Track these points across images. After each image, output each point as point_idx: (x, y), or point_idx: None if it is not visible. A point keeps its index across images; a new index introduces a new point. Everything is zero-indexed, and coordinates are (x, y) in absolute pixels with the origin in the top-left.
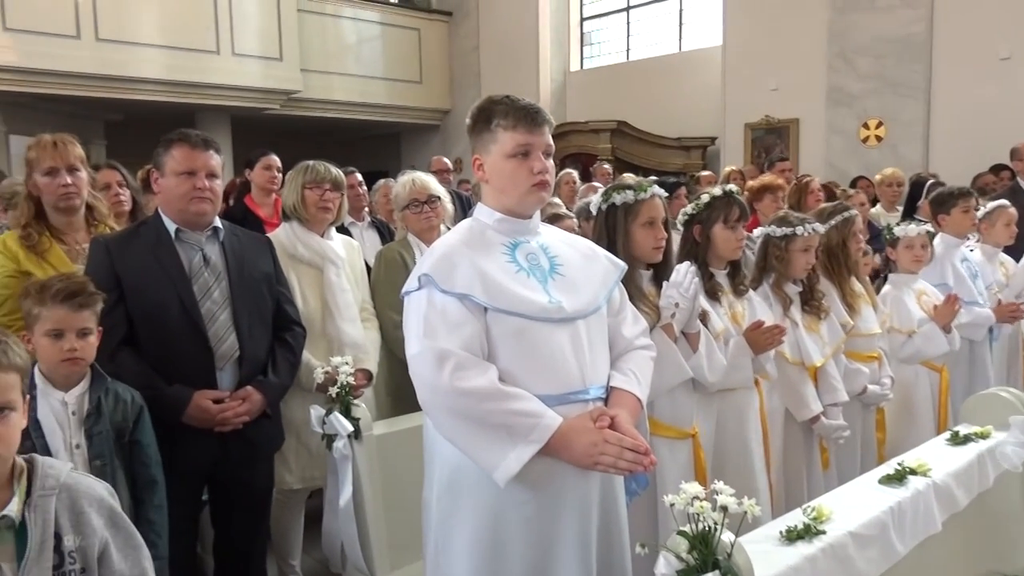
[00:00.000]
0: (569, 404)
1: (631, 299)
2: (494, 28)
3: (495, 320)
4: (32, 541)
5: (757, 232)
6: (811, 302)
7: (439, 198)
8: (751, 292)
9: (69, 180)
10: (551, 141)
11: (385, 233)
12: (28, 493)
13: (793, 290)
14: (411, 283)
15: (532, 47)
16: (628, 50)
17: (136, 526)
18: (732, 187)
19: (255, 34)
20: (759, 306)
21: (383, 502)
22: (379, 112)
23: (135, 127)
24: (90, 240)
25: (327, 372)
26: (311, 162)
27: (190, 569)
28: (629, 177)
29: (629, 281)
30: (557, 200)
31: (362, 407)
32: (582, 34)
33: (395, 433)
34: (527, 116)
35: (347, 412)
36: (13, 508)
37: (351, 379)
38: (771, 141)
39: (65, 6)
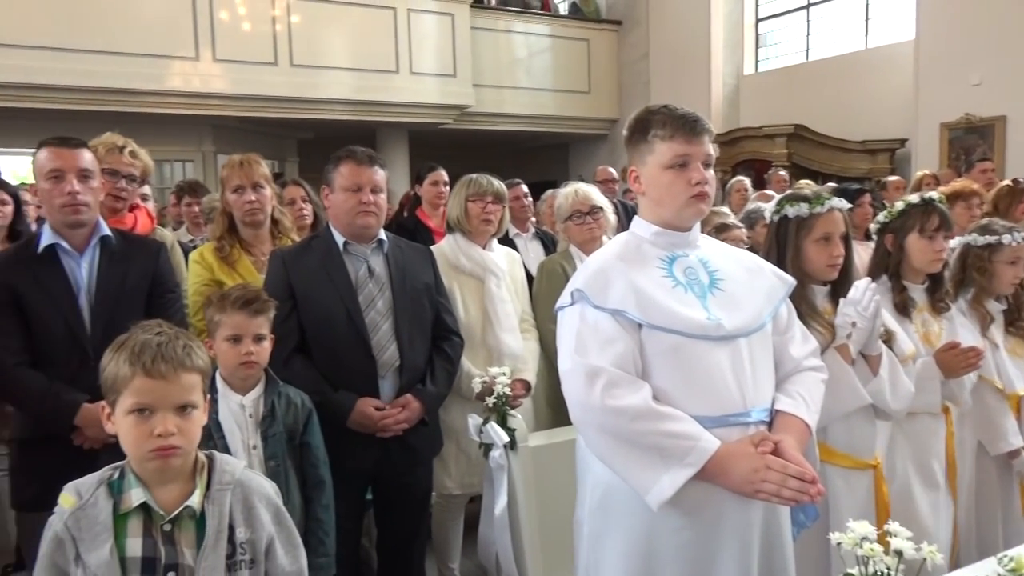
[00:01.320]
0: (728, 427)
1: (801, 317)
2: (664, 35)
3: (650, 337)
4: (209, 530)
5: (954, 243)
6: (1017, 322)
7: (602, 209)
8: (952, 309)
9: (254, 197)
10: (711, 151)
11: (549, 244)
12: (208, 486)
13: (996, 307)
14: (564, 298)
15: (703, 52)
16: (807, 50)
17: (306, 523)
18: (933, 194)
19: (431, 53)
20: (962, 327)
21: (538, 514)
22: (548, 123)
23: (324, 145)
24: (271, 252)
25: (484, 382)
26: (474, 175)
27: (355, 564)
28: (806, 185)
29: (800, 298)
30: (725, 209)
31: (518, 418)
32: (757, 36)
33: (552, 445)
34: (685, 125)
35: (503, 422)
36: (195, 499)
37: (507, 389)
38: (972, 142)
39: (264, 36)
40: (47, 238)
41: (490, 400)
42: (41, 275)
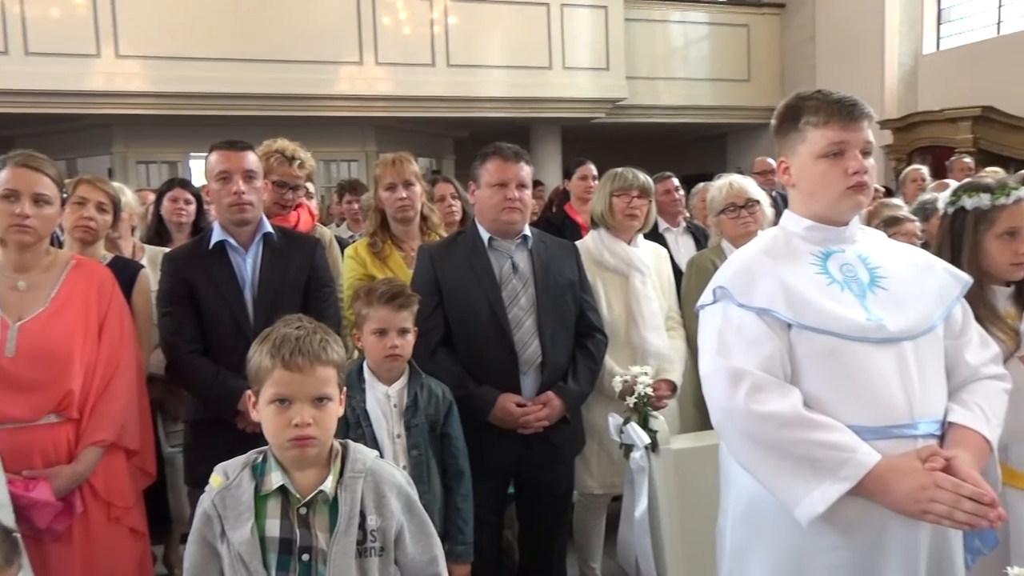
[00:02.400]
0: (891, 439)
1: (980, 320)
2: (832, 15)
3: (800, 338)
4: (342, 516)
5: None
6: None
7: (758, 202)
8: None
9: (404, 194)
10: (871, 137)
11: (701, 239)
12: (341, 473)
13: None
14: (706, 296)
15: (877, 31)
16: (999, 23)
17: (446, 512)
18: None
19: (584, 47)
20: None
21: (680, 519)
22: (704, 114)
23: (479, 142)
24: (419, 247)
25: (625, 381)
26: (619, 169)
27: (495, 555)
28: (991, 173)
29: (977, 299)
30: (898, 201)
31: (660, 419)
32: (939, 11)
33: (697, 449)
34: (842, 110)
35: (644, 423)
36: (328, 485)
37: (649, 389)
38: None
39: (423, 39)
40: (217, 235)
41: (631, 400)
42: (212, 270)
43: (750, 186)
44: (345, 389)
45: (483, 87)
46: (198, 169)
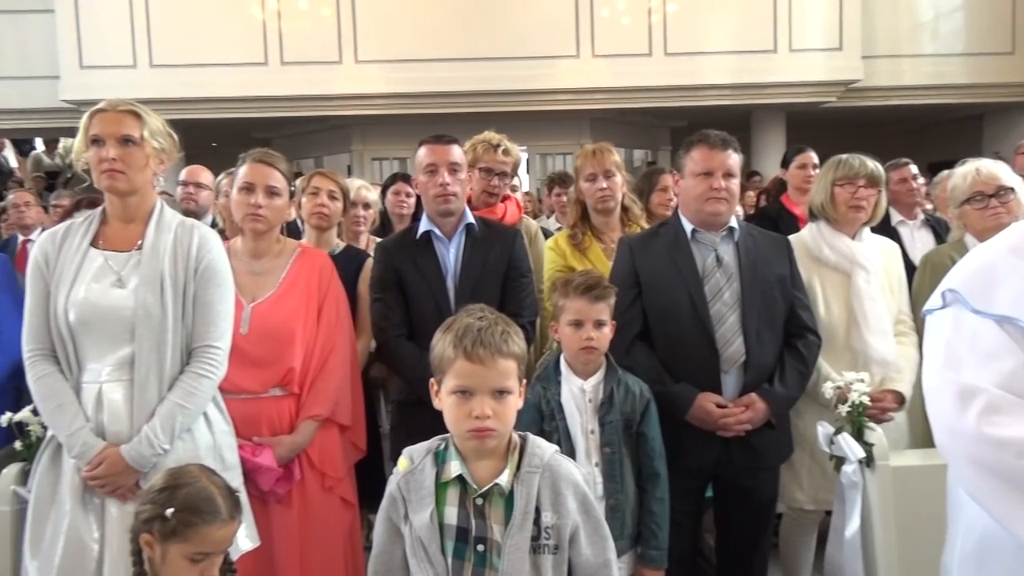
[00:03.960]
0: None
1: None
2: None
3: None
4: (516, 510)
5: None
6: None
7: (1012, 190)
8: None
9: (605, 184)
10: None
11: (942, 234)
12: (519, 467)
13: None
14: (934, 300)
15: None
16: None
17: (639, 514)
18: None
19: (814, 27)
20: None
21: (897, 544)
22: (956, 93)
23: (696, 131)
24: (619, 239)
25: (839, 388)
26: (844, 156)
27: (691, 562)
28: None
29: None
30: None
31: (877, 431)
32: None
33: (921, 468)
34: None
35: (859, 435)
36: (504, 478)
37: (866, 398)
38: None
39: (640, 29)
40: (424, 226)
41: (844, 408)
42: (418, 258)
43: (1002, 172)
44: (525, 381)
45: (702, 74)
46: None
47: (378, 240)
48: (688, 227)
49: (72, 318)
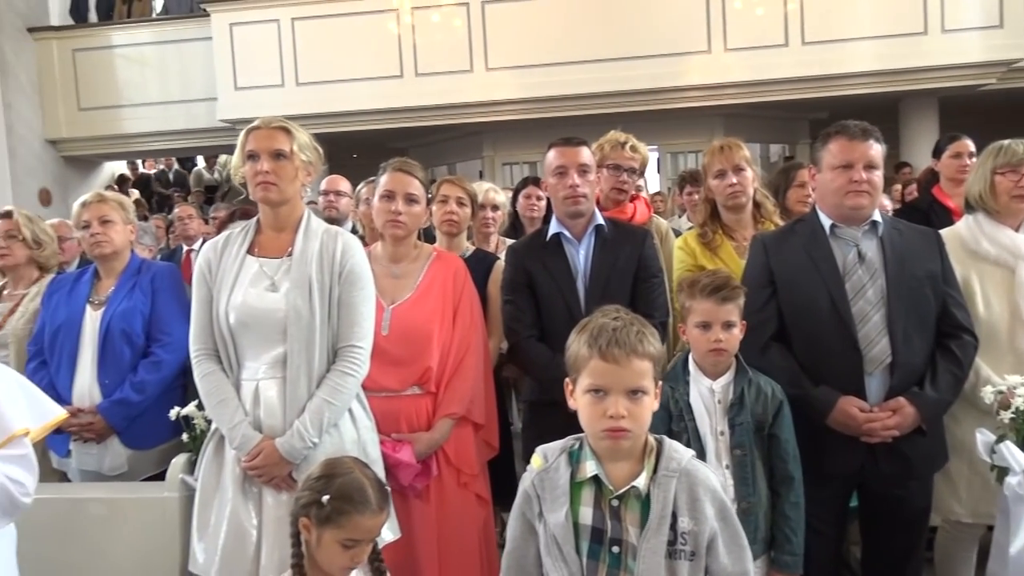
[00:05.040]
0: None
1: None
2: None
3: None
4: (653, 513)
5: None
6: None
7: None
8: None
9: (735, 180)
10: None
11: None
12: (655, 470)
13: None
14: None
15: None
16: None
17: (773, 518)
18: None
19: (970, 4)
20: None
21: None
22: None
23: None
24: (751, 237)
25: (1000, 392)
26: (1006, 142)
27: (834, 573)
28: None
29: None
30: None
31: None
32: None
33: None
34: None
35: None
36: (641, 481)
37: None
38: None
39: (775, 19)
40: (554, 228)
41: (1006, 415)
42: (548, 260)
43: None
44: (661, 383)
45: (844, 62)
46: None
47: (508, 241)
48: (827, 222)
49: (232, 320)
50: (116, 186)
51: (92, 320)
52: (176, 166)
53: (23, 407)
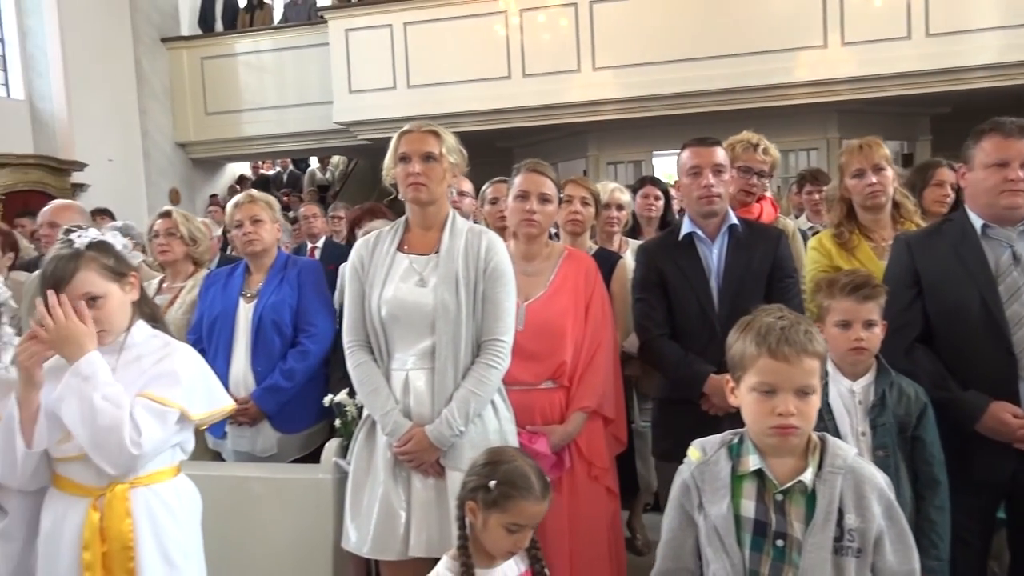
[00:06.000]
0: None
1: None
2: None
3: None
4: (819, 509)
5: None
6: None
7: None
8: None
9: (874, 179)
10: None
11: None
12: (820, 467)
13: None
14: None
15: None
16: None
17: (917, 522)
18: None
19: None
20: None
21: None
22: None
23: (963, 119)
24: (894, 237)
25: None
26: None
27: None
28: None
29: None
30: None
31: None
32: None
33: None
34: None
35: None
36: (808, 476)
37: None
38: None
39: (896, 10)
40: (687, 227)
41: None
42: (681, 260)
43: None
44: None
45: (970, 54)
46: (661, 167)
47: (630, 241)
48: (978, 223)
49: (384, 313)
50: (237, 186)
51: (245, 312)
52: (291, 167)
53: (199, 392)
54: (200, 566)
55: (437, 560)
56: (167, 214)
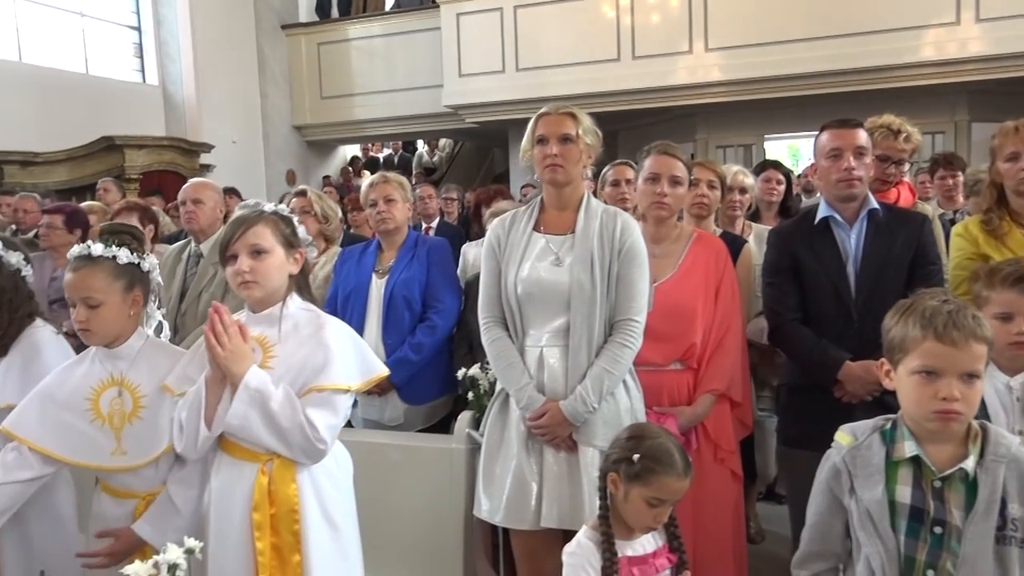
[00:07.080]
0: None
1: None
2: None
3: None
4: (981, 497)
5: None
6: None
7: None
8: None
9: None
10: None
11: None
12: (981, 455)
13: None
14: None
15: None
16: None
17: None
18: None
19: None
20: None
21: None
22: None
23: None
24: None
25: None
26: None
27: None
28: None
29: None
30: None
31: None
32: None
33: None
34: None
35: None
36: (969, 463)
37: None
38: None
39: None
40: (823, 211)
41: None
42: (816, 244)
43: None
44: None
45: None
46: (773, 151)
47: (753, 225)
48: None
49: (520, 291)
50: (349, 168)
51: (377, 287)
52: (401, 150)
53: (352, 363)
54: (355, 526)
55: (565, 532)
56: (302, 192)
